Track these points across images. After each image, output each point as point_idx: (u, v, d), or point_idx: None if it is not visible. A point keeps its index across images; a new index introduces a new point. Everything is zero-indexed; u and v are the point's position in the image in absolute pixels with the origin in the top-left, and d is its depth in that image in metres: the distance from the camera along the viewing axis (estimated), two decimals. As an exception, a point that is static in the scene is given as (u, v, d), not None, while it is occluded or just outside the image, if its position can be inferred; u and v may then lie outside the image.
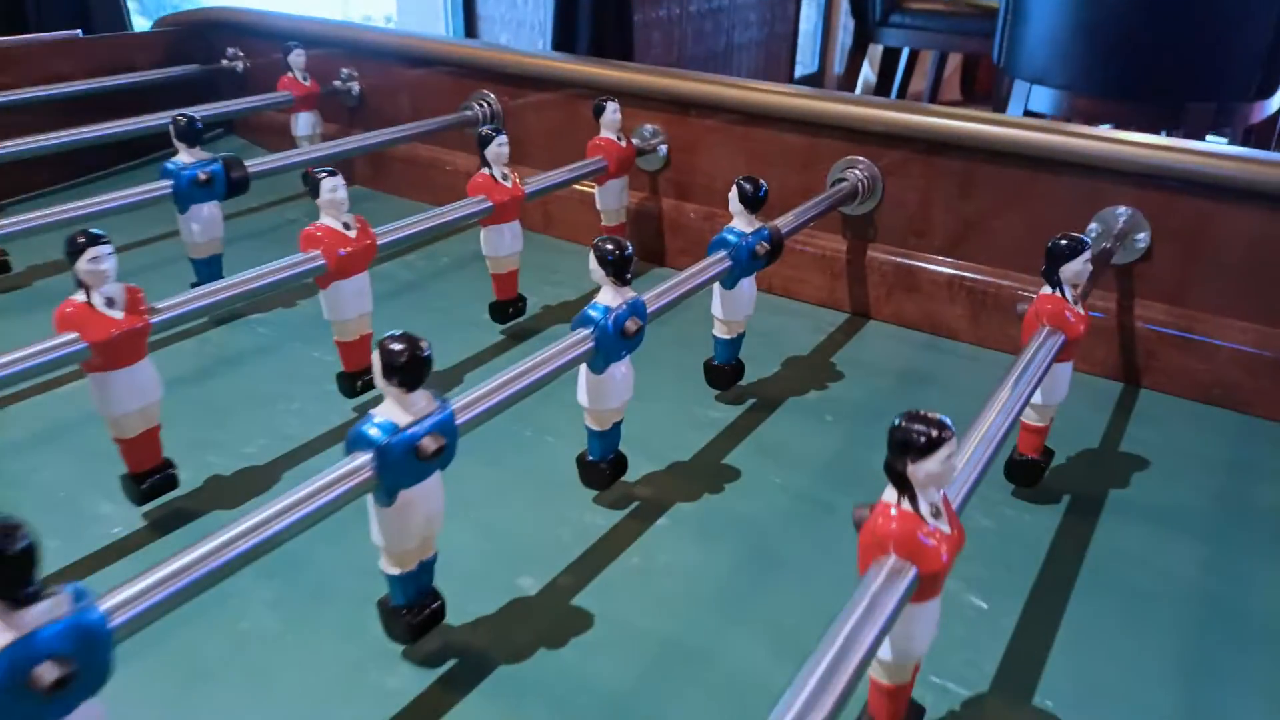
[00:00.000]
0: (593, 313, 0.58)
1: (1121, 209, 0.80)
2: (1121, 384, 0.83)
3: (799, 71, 3.60)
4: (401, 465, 0.44)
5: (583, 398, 0.60)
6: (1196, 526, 0.65)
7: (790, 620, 0.55)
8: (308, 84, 1.19)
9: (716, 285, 0.73)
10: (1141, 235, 0.80)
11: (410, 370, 0.43)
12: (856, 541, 0.40)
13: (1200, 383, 0.80)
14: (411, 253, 1.05)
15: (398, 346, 0.43)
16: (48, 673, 0.30)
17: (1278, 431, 0.77)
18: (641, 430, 0.68)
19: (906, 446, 0.37)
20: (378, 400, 0.46)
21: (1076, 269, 0.60)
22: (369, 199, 1.24)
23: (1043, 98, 1.88)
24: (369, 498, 0.45)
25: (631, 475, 0.66)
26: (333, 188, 0.67)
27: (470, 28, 2.55)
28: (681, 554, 0.60)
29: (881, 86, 3.34)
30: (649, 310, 0.61)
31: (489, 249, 0.84)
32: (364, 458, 0.43)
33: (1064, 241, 0.60)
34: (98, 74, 1.22)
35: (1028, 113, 1.92)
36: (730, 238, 0.71)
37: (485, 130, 0.80)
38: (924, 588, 0.39)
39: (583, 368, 0.59)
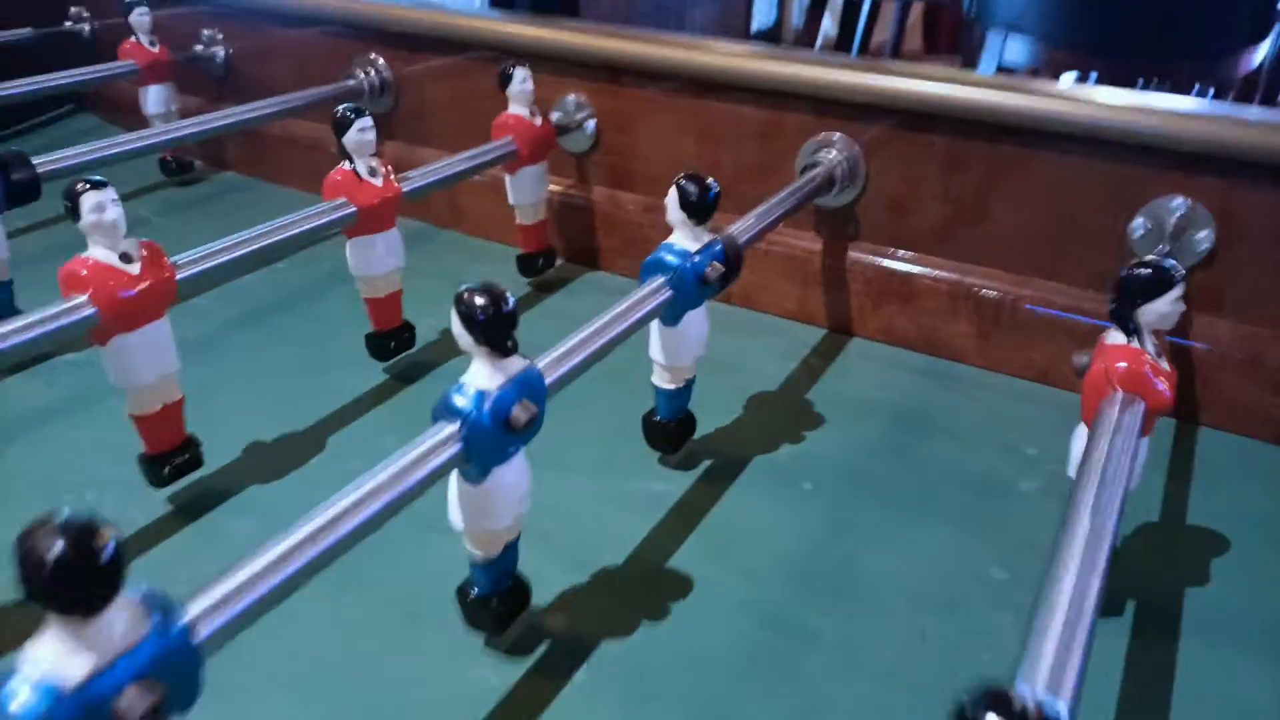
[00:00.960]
0: (460, 399, 0.38)
1: (1177, 200, 0.62)
2: (1174, 421, 0.66)
3: (755, 25, 3.38)
4: (76, 749, 0.25)
5: (455, 517, 0.41)
6: None
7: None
8: (155, 50, 0.96)
9: (655, 322, 0.54)
10: (1203, 234, 0.62)
11: (75, 586, 0.24)
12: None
13: (1273, 420, 0.63)
14: (284, 260, 0.85)
15: (48, 545, 0.24)
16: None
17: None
18: (555, 519, 0.50)
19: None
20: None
21: (1163, 310, 0.41)
22: (244, 188, 1.03)
23: (1017, 49, 1.71)
24: None
25: (541, 596, 0.48)
26: (97, 206, 0.47)
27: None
28: (605, 733, 0.42)
29: (843, 40, 3.13)
30: (549, 380, 0.42)
31: (358, 266, 0.64)
32: (6, 743, 0.24)
33: (1146, 272, 0.41)
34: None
35: (1001, 67, 1.76)
36: (670, 258, 0.52)
37: (341, 112, 0.60)
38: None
39: (453, 476, 0.40)
